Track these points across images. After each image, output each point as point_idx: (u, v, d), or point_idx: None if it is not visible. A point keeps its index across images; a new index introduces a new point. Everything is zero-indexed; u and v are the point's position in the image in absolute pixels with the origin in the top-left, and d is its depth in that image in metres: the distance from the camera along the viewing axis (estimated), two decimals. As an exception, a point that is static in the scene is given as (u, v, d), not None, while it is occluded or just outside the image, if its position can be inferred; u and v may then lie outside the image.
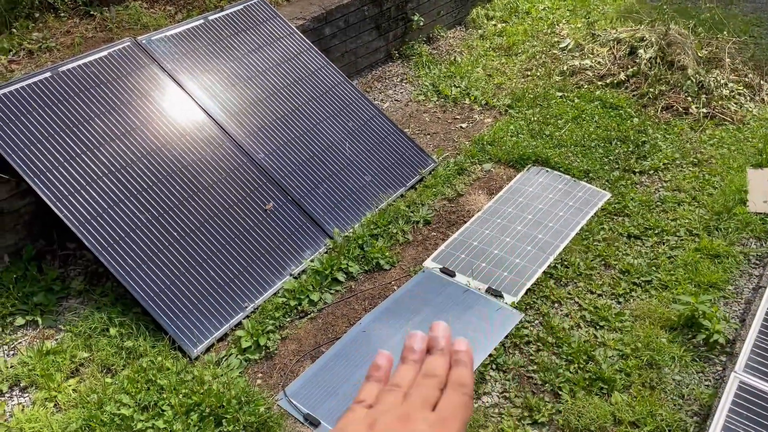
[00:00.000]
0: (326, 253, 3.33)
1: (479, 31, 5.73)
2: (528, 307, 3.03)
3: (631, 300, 3.07)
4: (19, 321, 2.83)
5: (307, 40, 4.17)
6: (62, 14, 4.09)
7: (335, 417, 2.52)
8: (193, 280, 2.97)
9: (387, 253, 3.32)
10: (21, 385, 2.59)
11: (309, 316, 3.01)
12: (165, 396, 2.45)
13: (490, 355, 2.77)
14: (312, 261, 3.25)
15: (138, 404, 2.44)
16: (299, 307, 3.03)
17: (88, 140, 3.12)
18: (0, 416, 2.47)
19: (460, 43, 5.56)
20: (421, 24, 5.27)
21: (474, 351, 2.72)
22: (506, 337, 2.86)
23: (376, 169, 3.83)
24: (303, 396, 2.61)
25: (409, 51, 5.23)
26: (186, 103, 3.48)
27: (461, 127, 4.46)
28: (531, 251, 3.33)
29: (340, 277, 3.19)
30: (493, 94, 4.78)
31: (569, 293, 3.11)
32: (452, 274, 3.19)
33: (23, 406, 2.50)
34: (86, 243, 2.85)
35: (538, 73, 5.07)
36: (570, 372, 2.70)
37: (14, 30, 3.89)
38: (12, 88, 3.09)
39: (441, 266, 3.24)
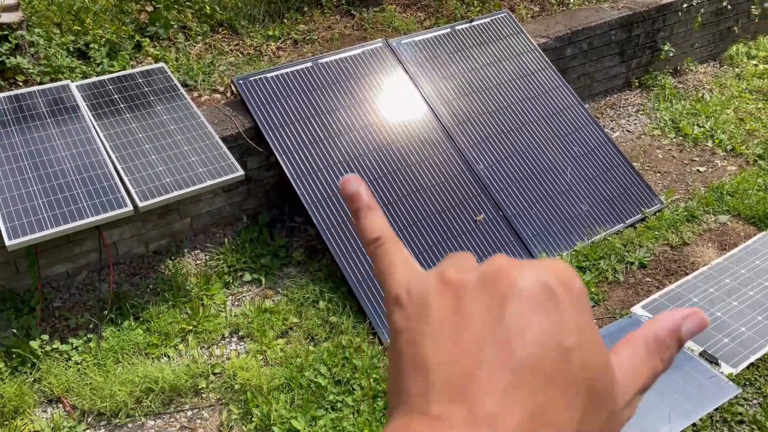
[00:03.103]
0: (528, 275, 3.27)
1: (736, 69, 5.19)
2: (747, 383, 2.69)
3: None
4: (247, 277, 3.20)
5: (546, 59, 4.12)
6: (327, 11, 4.52)
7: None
8: (398, 273, 3.11)
9: (593, 289, 3.17)
10: (239, 333, 2.93)
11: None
12: (357, 376, 2.61)
13: (694, 425, 2.51)
14: (513, 280, 3.21)
15: (333, 377, 2.62)
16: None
17: (331, 128, 3.41)
18: (219, 357, 2.82)
19: (712, 80, 5.08)
20: (671, 55, 4.91)
21: (675, 417, 2.49)
22: (716, 410, 2.57)
23: (594, 200, 3.67)
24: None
25: (651, 81, 4.91)
26: (420, 106, 3.64)
27: (698, 170, 4.08)
28: (761, 322, 2.94)
29: (539, 302, 3.11)
30: (742, 141, 4.30)
31: (803, 380, 2.70)
32: (663, 327, 2.95)
33: (239, 353, 2.83)
34: (314, 221, 3.13)
35: (803, 125, 4.45)
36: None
37: (285, 20, 4.39)
38: (278, 72, 3.49)
39: (651, 315, 3.01)
